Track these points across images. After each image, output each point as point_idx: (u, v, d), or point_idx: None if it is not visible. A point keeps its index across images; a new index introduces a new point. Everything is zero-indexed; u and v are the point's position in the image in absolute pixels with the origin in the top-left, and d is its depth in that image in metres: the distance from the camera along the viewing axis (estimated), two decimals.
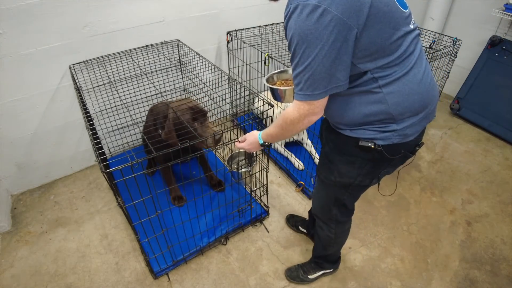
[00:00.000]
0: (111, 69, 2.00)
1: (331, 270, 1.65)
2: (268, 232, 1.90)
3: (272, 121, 2.25)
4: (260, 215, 1.93)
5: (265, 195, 1.94)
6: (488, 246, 1.83)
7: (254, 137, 1.27)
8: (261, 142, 1.24)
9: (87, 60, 1.94)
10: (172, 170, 1.96)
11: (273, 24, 2.57)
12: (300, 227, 1.87)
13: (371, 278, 1.67)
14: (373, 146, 1.02)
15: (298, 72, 0.89)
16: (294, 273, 1.65)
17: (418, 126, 1.03)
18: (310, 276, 1.62)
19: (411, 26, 0.94)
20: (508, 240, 1.85)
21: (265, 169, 1.75)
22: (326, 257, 1.58)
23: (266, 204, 1.96)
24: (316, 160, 2.22)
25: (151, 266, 1.62)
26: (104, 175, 1.18)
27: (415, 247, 1.82)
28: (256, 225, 1.93)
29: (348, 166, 1.12)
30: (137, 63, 2.08)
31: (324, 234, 1.44)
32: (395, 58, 0.91)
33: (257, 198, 1.97)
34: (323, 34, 0.81)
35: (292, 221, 1.91)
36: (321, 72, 0.86)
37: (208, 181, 2.08)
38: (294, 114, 0.99)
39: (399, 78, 0.93)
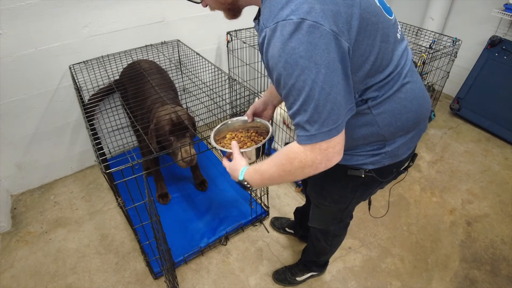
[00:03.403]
0: (111, 69, 2.00)
1: (318, 272, 1.65)
2: (268, 232, 1.90)
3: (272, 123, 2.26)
4: (260, 215, 1.93)
5: (265, 195, 1.94)
6: (488, 246, 1.83)
7: (236, 167, 0.95)
8: (241, 178, 0.92)
9: (87, 60, 1.94)
10: (159, 171, 1.99)
11: None
12: (286, 229, 1.86)
13: (371, 278, 1.67)
14: (363, 175, 0.95)
15: (296, 110, 0.71)
16: (282, 276, 1.63)
17: (410, 144, 0.96)
18: (298, 278, 1.61)
19: (398, 36, 0.84)
20: (508, 240, 1.86)
21: None
22: (316, 262, 1.58)
23: (266, 204, 1.96)
24: None
25: (151, 267, 1.62)
26: (104, 176, 1.17)
27: (415, 247, 1.82)
28: (256, 225, 1.93)
29: (341, 191, 1.08)
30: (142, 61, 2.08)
31: (320, 245, 1.43)
32: (387, 75, 0.79)
33: (257, 198, 1.97)
34: (315, 55, 0.64)
35: (278, 223, 1.89)
36: (327, 102, 0.68)
37: (193, 179, 2.10)
38: (306, 157, 0.75)
39: (390, 96, 0.83)
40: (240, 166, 0.94)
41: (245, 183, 0.92)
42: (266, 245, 1.82)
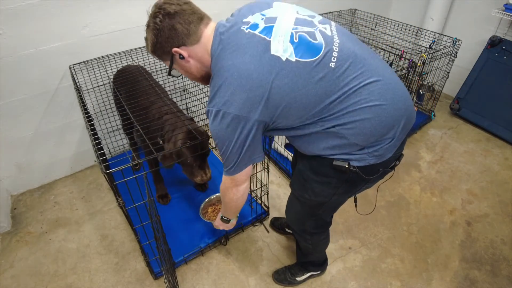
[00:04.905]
0: (111, 69, 2.00)
1: (319, 272, 1.65)
2: (268, 232, 1.90)
3: None
4: (260, 215, 1.93)
5: (265, 195, 1.94)
6: (488, 246, 1.83)
7: (218, 216, 1.45)
8: (221, 216, 1.40)
9: (87, 61, 1.94)
10: (159, 172, 1.97)
11: None
12: (286, 229, 1.86)
13: (371, 278, 1.67)
14: (347, 166, 0.99)
15: (221, 155, 1.03)
16: (282, 276, 1.63)
17: (396, 141, 0.99)
18: (298, 278, 1.61)
19: (332, 65, 0.89)
20: (508, 240, 1.86)
21: (266, 169, 1.75)
22: (310, 262, 1.58)
23: (266, 204, 1.96)
24: None
25: (151, 267, 1.62)
26: (104, 176, 1.17)
27: (415, 247, 1.82)
28: (256, 226, 1.93)
29: (322, 186, 1.09)
30: (137, 63, 2.08)
31: (302, 245, 1.44)
32: (330, 101, 0.90)
33: (257, 198, 1.97)
34: (228, 133, 0.93)
35: (277, 224, 1.89)
36: (234, 158, 0.99)
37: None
38: (223, 186, 1.15)
39: (346, 113, 0.91)
40: (220, 214, 1.43)
41: (224, 217, 1.39)
42: (266, 245, 1.82)
